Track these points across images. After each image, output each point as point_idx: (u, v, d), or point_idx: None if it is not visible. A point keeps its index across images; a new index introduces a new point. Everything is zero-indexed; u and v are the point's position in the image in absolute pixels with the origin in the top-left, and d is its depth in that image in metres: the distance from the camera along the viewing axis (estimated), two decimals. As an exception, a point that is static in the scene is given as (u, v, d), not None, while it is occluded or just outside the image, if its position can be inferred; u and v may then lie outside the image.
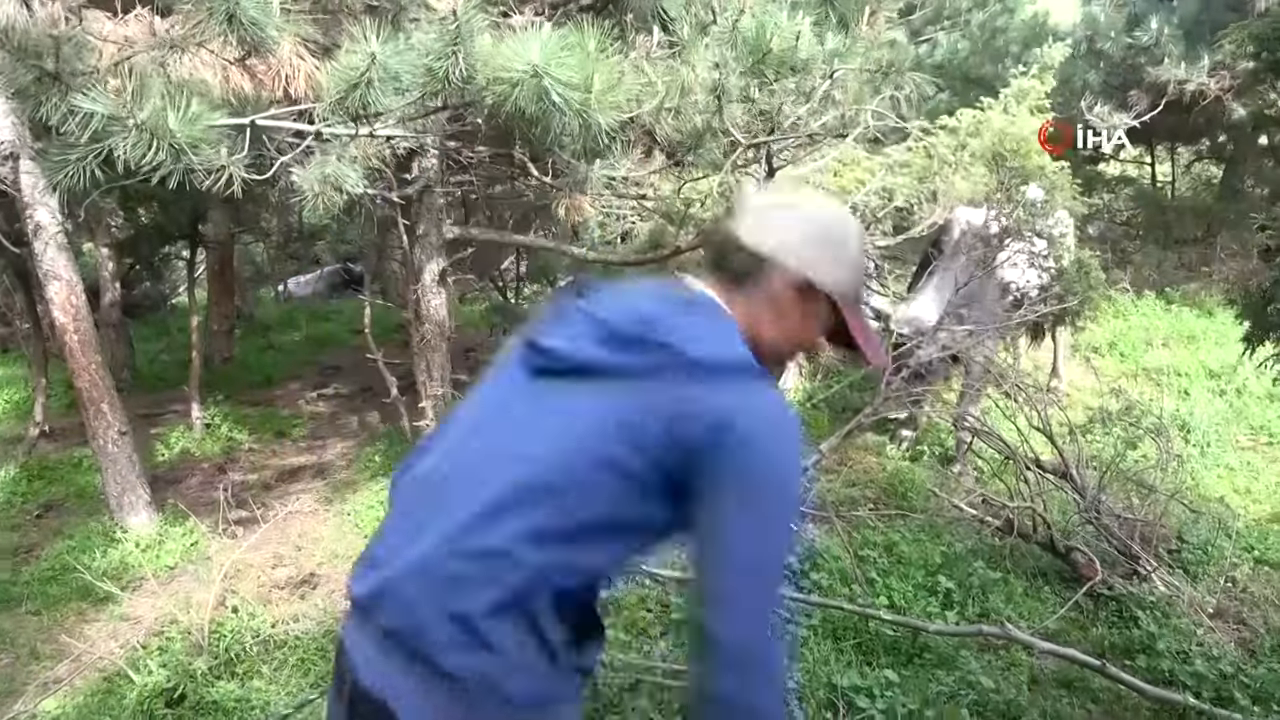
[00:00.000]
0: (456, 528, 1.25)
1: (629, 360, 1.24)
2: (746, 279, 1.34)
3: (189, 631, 4.01)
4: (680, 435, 1.19)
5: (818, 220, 1.37)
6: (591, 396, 1.25)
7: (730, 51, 4.00)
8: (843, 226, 1.39)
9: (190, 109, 3.12)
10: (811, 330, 1.39)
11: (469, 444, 1.36)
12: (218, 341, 9.77)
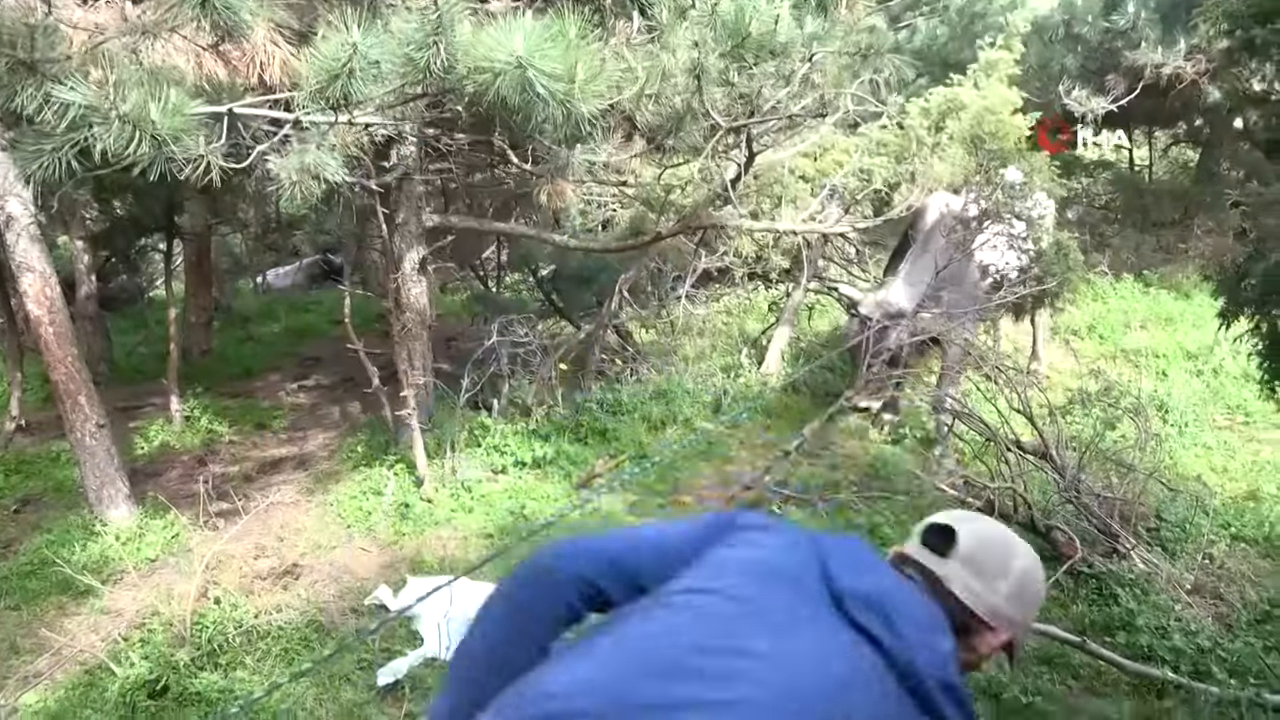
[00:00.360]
0: None
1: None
2: (959, 631, 1.30)
3: (171, 623, 3.99)
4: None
5: (1027, 578, 1.36)
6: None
7: (709, 34, 3.99)
8: (1039, 577, 1.40)
9: (170, 99, 3.08)
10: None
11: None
12: (196, 334, 9.68)
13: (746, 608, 1.19)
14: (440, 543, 4.92)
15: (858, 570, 1.25)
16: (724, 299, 10.13)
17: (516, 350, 6.85)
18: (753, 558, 1.27)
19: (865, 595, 1.20)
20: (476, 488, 5.52)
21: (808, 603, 1.20)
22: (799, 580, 1.23)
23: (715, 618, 1.18)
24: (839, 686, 1.12)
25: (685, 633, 1.16)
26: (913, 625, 1.19)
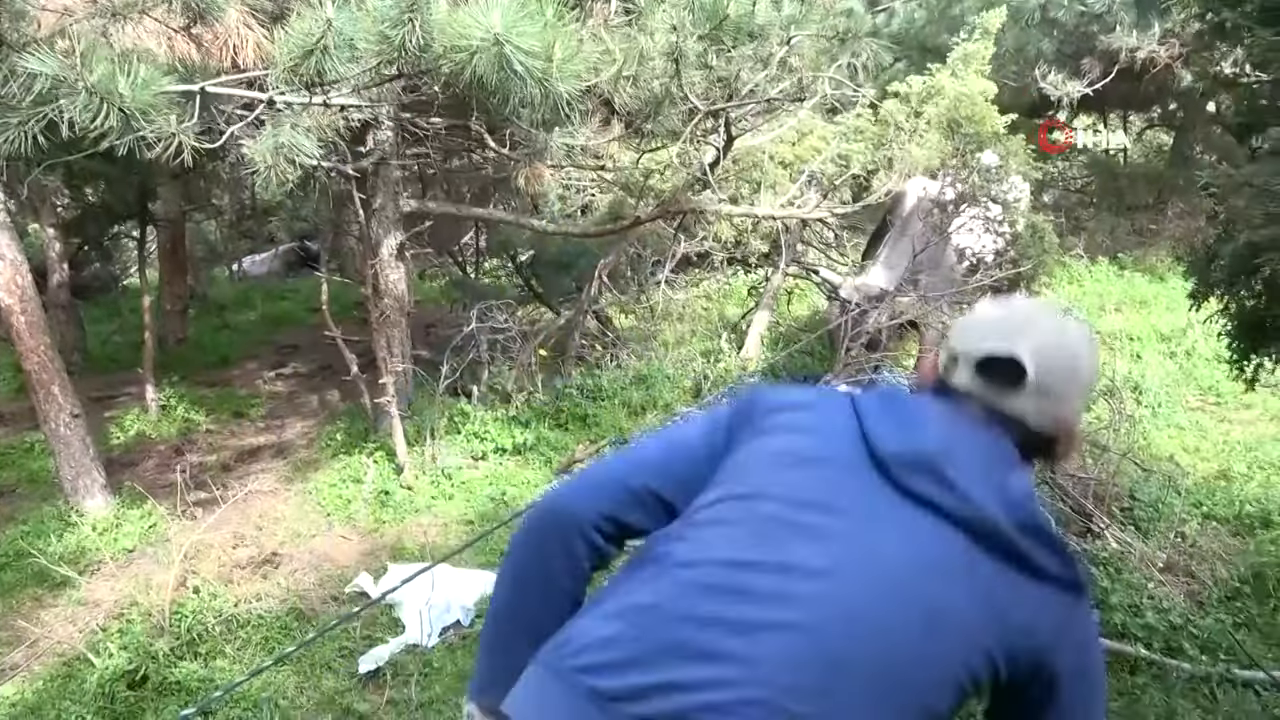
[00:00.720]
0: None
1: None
2: (1033, 456, 1.20)
3: (149, 613, 3.96)
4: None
5: (1091, 369, 1.22)
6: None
7: (688, 17, 3.98)
8: (1096, 356, 1.26)
9: (140, 73, 3.03)
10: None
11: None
12: (171, 322, 9.58)
13: (789, 510, 1.06)
14: (421, 530, 4.91)
15: (900, 426, 1.10)
16: (703, 284, 10.13)
17: (496, 336, 6.82)
18: (786, 446, 1.13)
19: (913, 456, 1.06)
20: (457, 474, 5.51)
21: (855, 484, 1.07)
22: (840, 457, 1.09)
23: (755, 528, 1.05)
24: (908, 580, 1.01)
25: (722, 549, 1.05)
26: (974, 475, 1.06)
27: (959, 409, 1.15)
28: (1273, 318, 2.22)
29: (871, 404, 1.14)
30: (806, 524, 1.05)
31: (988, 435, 1.12)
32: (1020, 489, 1.09)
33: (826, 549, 1.02)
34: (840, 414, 1.13)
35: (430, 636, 3.73)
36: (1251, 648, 3.39)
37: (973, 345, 1.16)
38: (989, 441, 1.12)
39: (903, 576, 1.01)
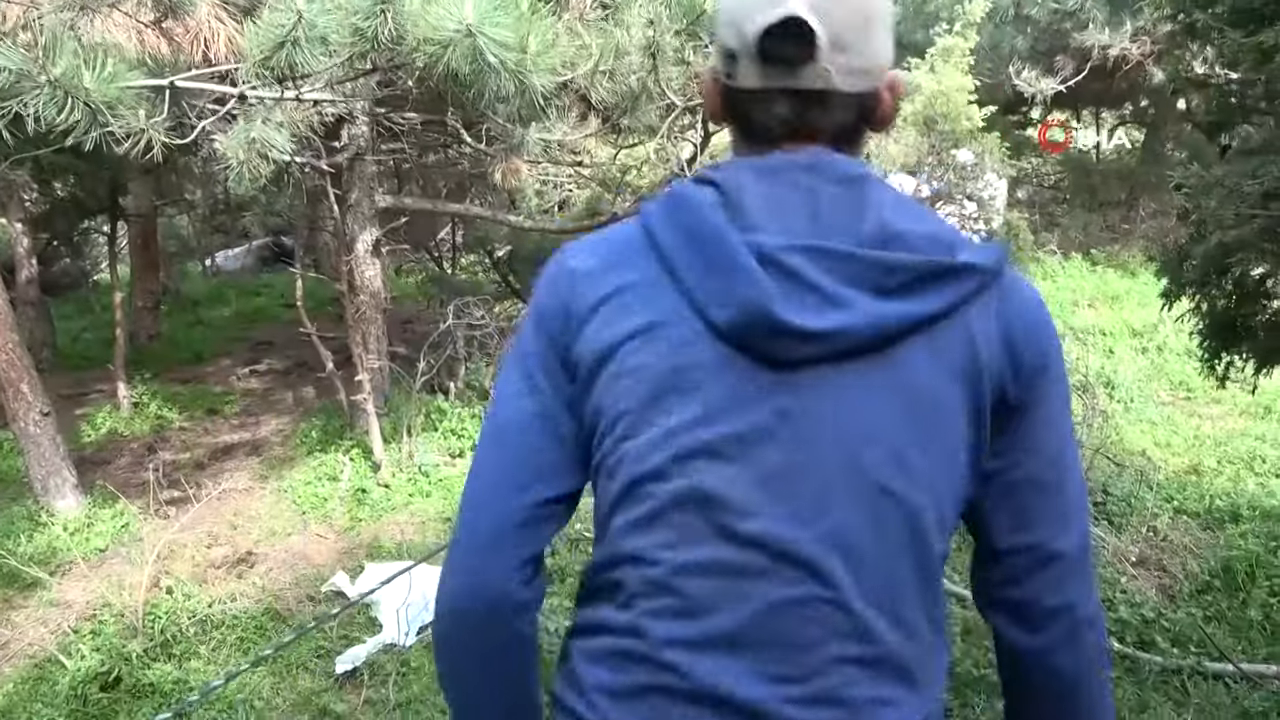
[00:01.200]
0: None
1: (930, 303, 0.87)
2: (862, 126, 0.98)
3: (122, 614, 3.91)
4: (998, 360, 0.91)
5: (887, 7, 0.96)
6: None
7: (664, 11, 3.97)
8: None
9: (106, 67, 2.99)
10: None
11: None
12: (143, 318, 9.46)
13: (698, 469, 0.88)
14: (398, 528, 4.88)
15: (716, 269, 0.88)
16: (681, 280, 10.13)
17: (473, 333, 6.79)
18: (636, 377, 0.90)
19: (758, 320, 0.85)
20: (434, 472, 5.48)
21: (735, 395, 0.88)
22: (701, 360, 0.89)
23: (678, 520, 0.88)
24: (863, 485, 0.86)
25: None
26: (840, 274, 0.86)
27: (770, 166, 0.93)
28: (1243, 317, 2.26)
29: (672, 239, 0.91)
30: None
31: (836, 170, 0.92)
32: (925, 232, 0.90)
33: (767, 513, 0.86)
34: (656, 286, 0.90)
35: (408, 636, 3.71)
36: (1221, 640, 3.43)
37: (745, 30, 0.90)
38: (845, 191, 0.91)
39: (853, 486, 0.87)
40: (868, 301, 0.85)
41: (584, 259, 0.96)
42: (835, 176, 0.92)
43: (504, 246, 8.42)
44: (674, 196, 0.93)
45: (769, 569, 0.86)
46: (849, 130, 0.96)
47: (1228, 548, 4.11)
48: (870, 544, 0.87)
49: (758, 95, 0.93)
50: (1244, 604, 3.65)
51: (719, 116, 1.01)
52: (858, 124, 0.96)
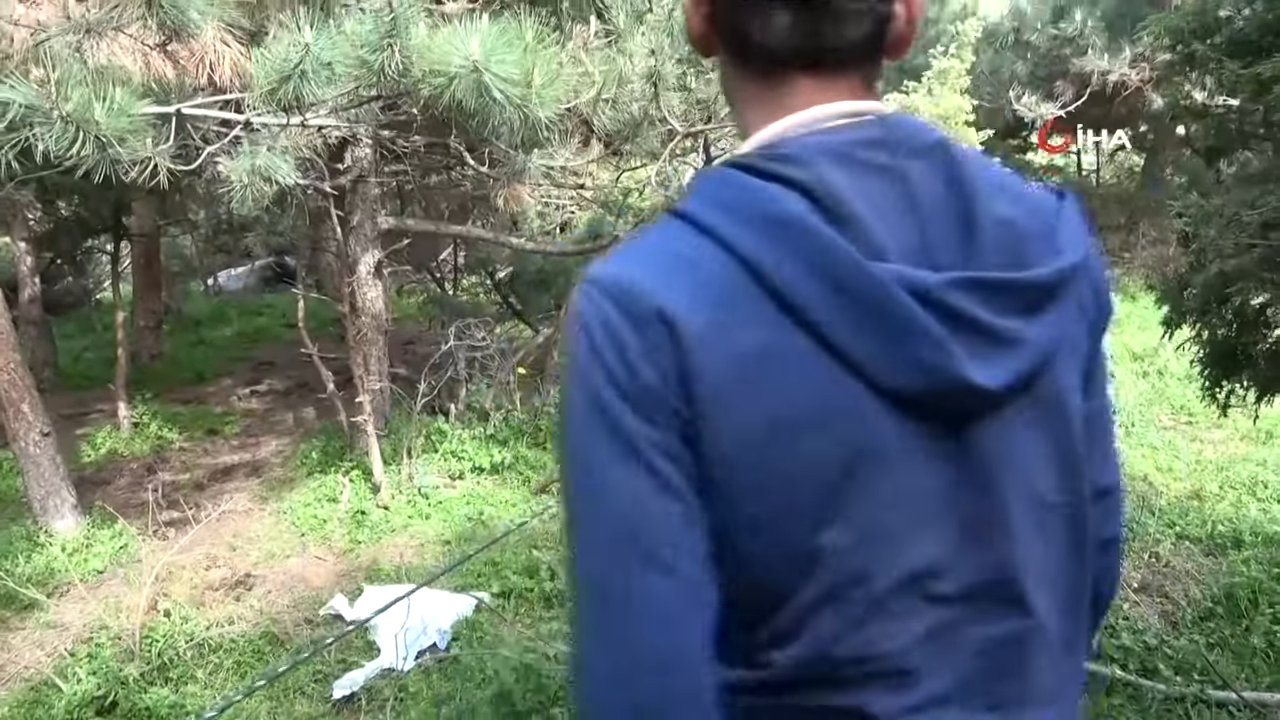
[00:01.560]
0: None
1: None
2: (880, 44, 0.82)
3: (119, 637, 3.89)
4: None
5: None
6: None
7: (666, 40, 4.00)
8: None
9: (116, 99, 3.01)
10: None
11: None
12: (145, 338, 9.48)
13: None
14: (397, 550, 4.86)
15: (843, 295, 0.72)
16: (682, 301, 10.15)
17: (474, 354, 6.80)
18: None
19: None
20: (434, 494, 5.47)
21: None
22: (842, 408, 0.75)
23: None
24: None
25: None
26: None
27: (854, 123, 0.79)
28: (1243, 346, 2.26)
29: (797, 283, 0.72)
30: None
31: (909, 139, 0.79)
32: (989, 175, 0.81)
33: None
34: (792, 347, 0.73)
35: (406, 660, 3.69)
36: (1224, 668, 3.41)
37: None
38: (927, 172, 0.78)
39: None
40: (1029, 329, 0.76)
41: (682, 306, 0.72)
42: (912, 149, 0.78)
43: (506, 268, 8.45)
44: (774, 220, 0.73)
45: (976, 617, 0.80)
46: (871, 51, 0.82)
47: (1230, 574, 4.09)
48: (1055, 563, 0.84)
49: (749, 3, 0.79)
50: (1247, 631, 3.63)
51: (703, 40, 0.86)
52: (877, 44, 0.81)
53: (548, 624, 3.81)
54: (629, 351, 0.72)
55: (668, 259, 0.75)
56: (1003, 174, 0.84)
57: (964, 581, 0.79)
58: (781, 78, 0.81)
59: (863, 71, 0.82)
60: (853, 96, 0.81)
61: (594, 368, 0.73)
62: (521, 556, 4.51)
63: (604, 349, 0.73)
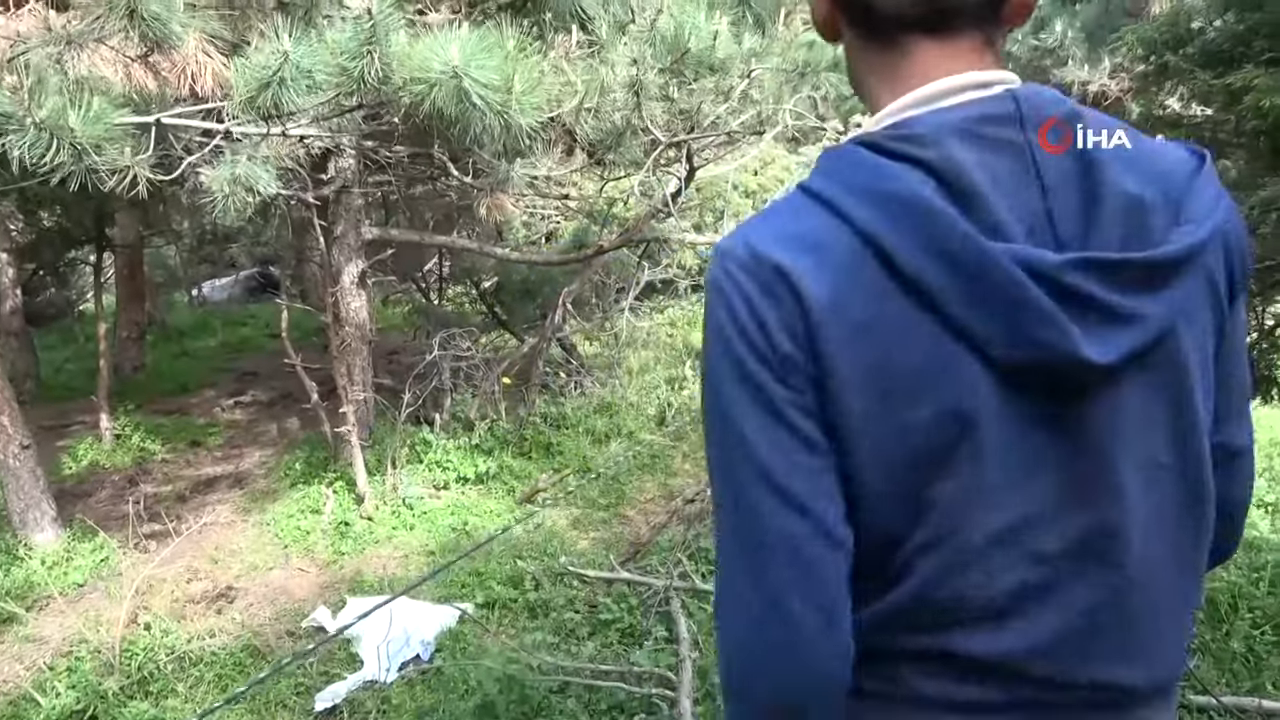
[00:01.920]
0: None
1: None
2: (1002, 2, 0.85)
3: (99, 651, 3.86)
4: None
5: None
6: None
7: (649, 50, 4.02)
8: None
9: (92, 107, 3.00)
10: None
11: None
12: (128, 349, 9.42)
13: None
14: (380, 562, 4.84)
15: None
16: (668, 311, 10.17)
17: (459, 364, 6.79)
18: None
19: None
20: (418, 504, 5.45)
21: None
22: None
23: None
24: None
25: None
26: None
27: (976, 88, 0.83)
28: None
29: (918, 261, 0.78)
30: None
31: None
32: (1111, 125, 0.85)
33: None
34: (910, 319, 0.79)
35: (389, 672, 3.67)
36: (1205, 673, 3.43)
37: None
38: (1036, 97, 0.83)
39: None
40: (1149, 305, 0.80)
41: (810, 278, 0.79)
42: (1042, 120, 0.82)
43: (491, 278, 8.45)
44: (895, 198, 0.78)
45: (1078, 573, 0.85)
46: (990, 13, 0.84)
47: (1210, 579, 4.12)
48: (1167, 523, 0.87)
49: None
50: (1227, 636, 3.65)
51: (828, 22, 0.92)
52: (997, 6, 0.84)
53: (532, 634, 3.80)
54: (768, 325, 0.80)
55: (796, 234, 0.81)
56: (1138, 143, 0.86)
57: (1067, 538, 0.84)
58: (904, 45, 0.84)
59: (984, 33, 0.84)
60: (977, 61, 0.84)
61: (737, 339, 0.81)
62: (506, 567, 4.50)
63: (746, 323, 0.80)
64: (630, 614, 3.89)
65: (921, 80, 0.84)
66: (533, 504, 5.51)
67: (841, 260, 0.79)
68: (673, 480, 5.95)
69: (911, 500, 0.83)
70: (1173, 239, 0.81)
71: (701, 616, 3.79)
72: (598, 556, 4.62)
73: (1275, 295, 1.96)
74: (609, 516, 5.38)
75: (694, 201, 8.35)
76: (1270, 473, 5.70)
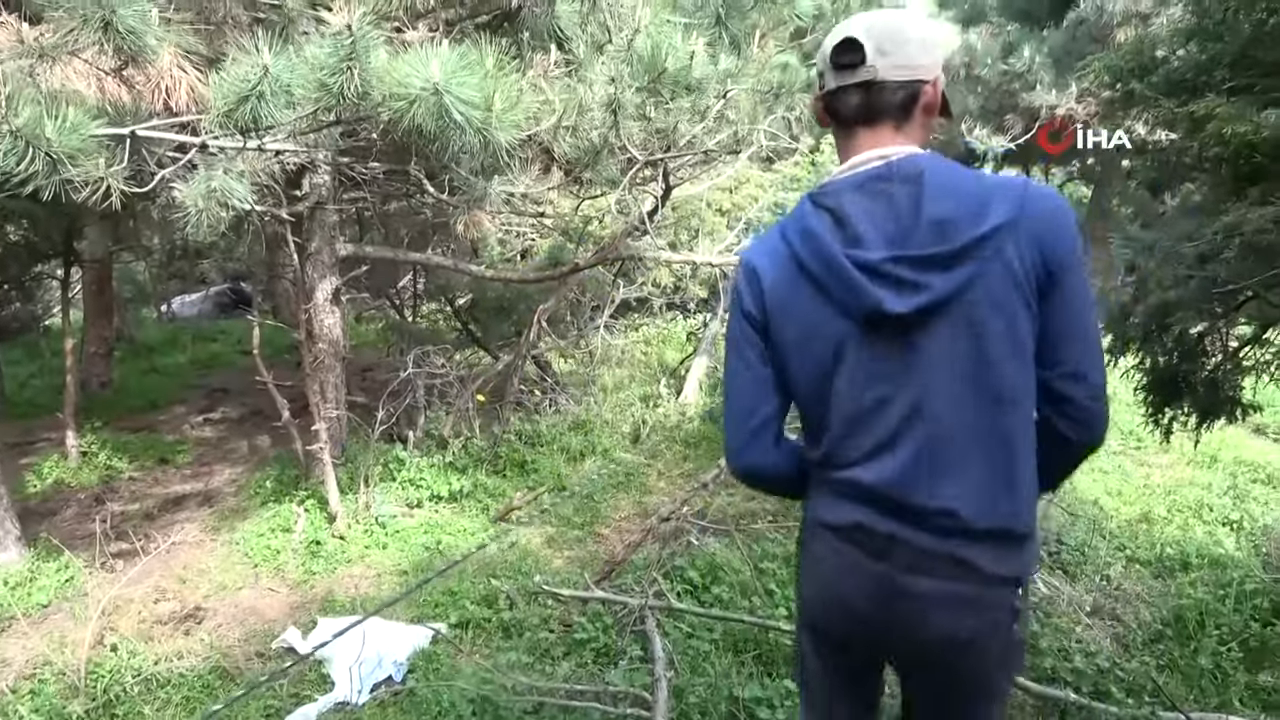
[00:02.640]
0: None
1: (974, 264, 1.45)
2: (911, 107, 1.54)
3: (64, 673, 3.78)
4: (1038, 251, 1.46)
5: (925, 31, 1.56)
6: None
7: (626, 69, 4.05)
8: (932, 30, 1.62)
9: (68, 118, 2.97)
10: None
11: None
12: (95, 365, 9.28)
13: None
14: (352, 581, 4.79)
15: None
16: (643, 329, 10.20)
17: (433, 381, 6.76)
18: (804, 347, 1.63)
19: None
20: (391, 523, 5.40)
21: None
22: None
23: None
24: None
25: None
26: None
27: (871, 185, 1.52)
28: (1184, 374, 2.33)
29: (813, 264, 1.54)
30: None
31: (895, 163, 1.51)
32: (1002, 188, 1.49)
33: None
34: (810, 295, 1.57)
35: (360, 694, 3.62)
36: (1174, 689, 3.48)
37: (826, 53, 1.56)
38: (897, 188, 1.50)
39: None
40: (938, 279, 1.43)
41: (766, 271, 1.60)
42: (901, 177, 1.49)
43: (466, 295, 8.43)
44: (805, 231, 1.54)
45: (913, 427, 1.50)
46: (905, 109, 1.54)
47: (1178, 596, 4.18)
48: (965, 400, 1.48)
49: (838, 93, 1.56)
50: (1195, 652, 3.70)
51: (822, 119, 1.63)
52: (910, 105, 1.54)
53: (506, 654, 3.77)
54: (746, 299, 1.63)
55: (765, 249, 1.62)
56: (962, 181, 1.49)
57: (902, 412, 1.51)
58: (853, 131, 1.58)
59: (897, 123, 1.55)
60: (889, 141, 1.55)
61: (736, 305, 1.65)
62: (480, 586, 4.47)
63: (742, 296, 1.64)
64: (605, 633, 3.87)
65: (856, 152, 1.56)
66: (507, 522, 5.48)
67: (780, 264, 1.58)
68: (647, 498, 5.94)
69: (821, 393, 1.57)
70: (965, 237, 1.43)
71: (676, 635, 3.79)
72: (572, 575, 4.60)
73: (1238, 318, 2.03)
74: (584, 535, 5.36)
75: (670, 220, 8.39)
76: (1235, 490, 5.81)
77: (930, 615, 1.52)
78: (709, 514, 5.19)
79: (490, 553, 4.90)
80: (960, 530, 1.48)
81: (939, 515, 1.49)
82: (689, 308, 9.90)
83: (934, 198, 1.44)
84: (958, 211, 1.43)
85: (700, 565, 4.37)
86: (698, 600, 4.15)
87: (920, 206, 1.44)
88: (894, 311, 1.44)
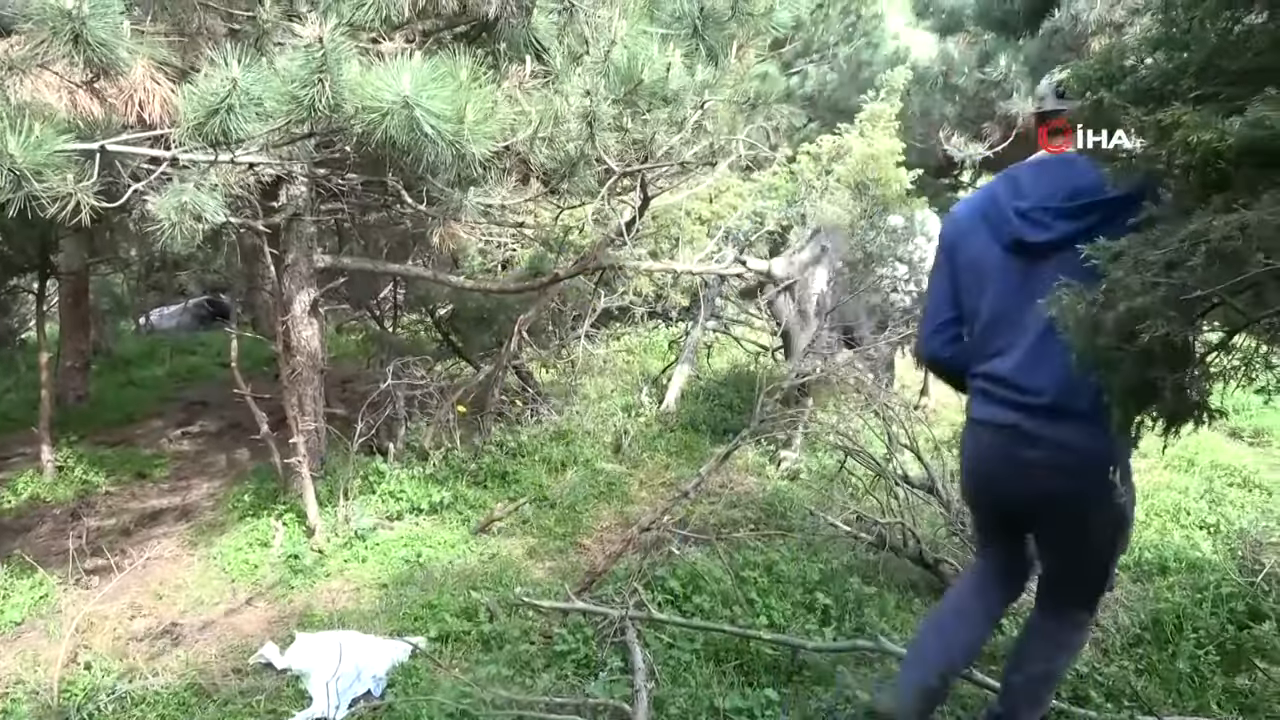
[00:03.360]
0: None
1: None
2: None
3: (36, 692, 3.73)
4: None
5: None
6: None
7: (603, 81, 4.06)
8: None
9: (33, 132, 2.95)
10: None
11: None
12: (71, 378, 9.19)
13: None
14: (331, 595, 4.75)
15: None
16: (624, 338, 10.19)
17: (413, 392, 6.72)
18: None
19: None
20: (370, 536, 5.37)
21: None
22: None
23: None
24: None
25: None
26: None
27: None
28: (1152, 380, 2.33)
29: (992, 209, 2.62)
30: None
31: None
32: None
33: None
34: (985, 229, 2.66)
35: (338, 709, 3.59)
36: (1152, 694, 3.49)
37: (1048, 83, 2.69)
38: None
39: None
40: (1058, 224, 2.40)
41: (962, 214, 2.72)
42: (1059, 160, 2.50)
43: (446, 305, 8.40)
44: (993, 189, 2.63)
45: (1027, 333, 2.46)
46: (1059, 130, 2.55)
47: (1156, 600, 4.20)
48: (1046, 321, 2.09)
49: (1050, 113, 2.58)
50: (1173, 657, 3.72)
51: (1032, 135, 2.61)
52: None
53: (486, 668, 3.75)
54: (945, 231, 2.78)
55: (969, 199, 2.77)
56: (1082, 164, 2.40)
57: (1021, 321, 2.47)
58: (1054, 137, 2.59)
59: (1069, 128, 2.53)
60: (1059, 147, 2.57)
61: (939, 239, 2.80)
62: (460, 598, 4.44)
63: (944, 231, 2.79)
64: (586, 644, 3.86)
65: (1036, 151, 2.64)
66: (488, 533, 5.46)
67: (972, 209, 2.68)
68: (629, 508, 5.93)
69: (977, 306, 2.60)
70: (1078, 200, 2.38)
71: (657, 646, 3.78)
72: (554, 586, 4.58)
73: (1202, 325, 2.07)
74: (565, 545, 5.34)
75: (649, 229, 8.39)
76: (1211, 494, 5.86)
77: (1036, 478, 2.42)
78: (690, 523, 5.18)
79: (470, 564, 4.88)
80: (1040, 407, 2.39)
81: (1032, 393, 2.39)
82: (671, 316, 9.91)
83: (1075, 174, 2.37)
84: (1079, 179, 2.33)
85: (681, 575, 4.36)
86: (679, 610, 4.14)
87: (1067, 178, 2.39)
88: (1028, 240, 2.39)
